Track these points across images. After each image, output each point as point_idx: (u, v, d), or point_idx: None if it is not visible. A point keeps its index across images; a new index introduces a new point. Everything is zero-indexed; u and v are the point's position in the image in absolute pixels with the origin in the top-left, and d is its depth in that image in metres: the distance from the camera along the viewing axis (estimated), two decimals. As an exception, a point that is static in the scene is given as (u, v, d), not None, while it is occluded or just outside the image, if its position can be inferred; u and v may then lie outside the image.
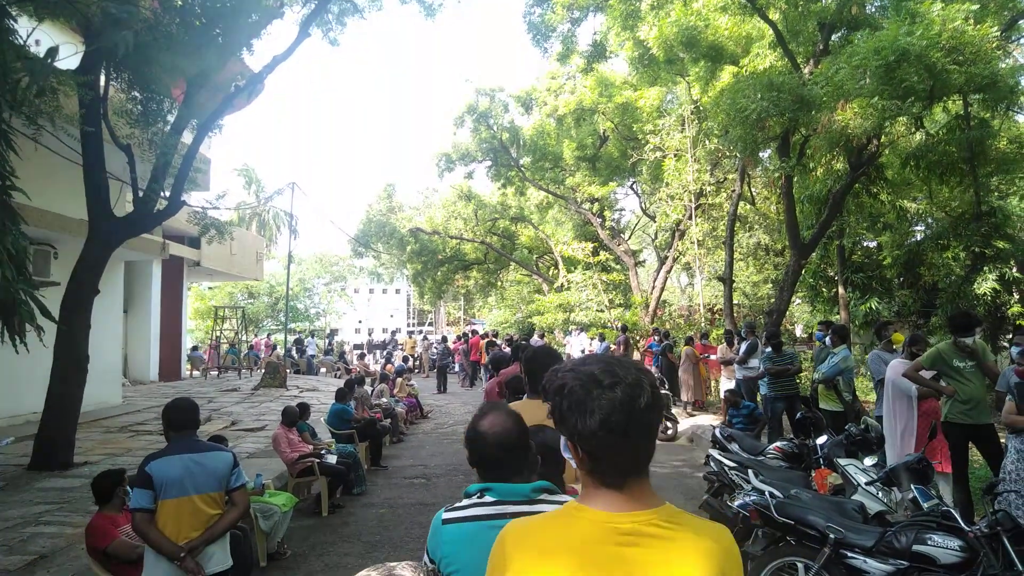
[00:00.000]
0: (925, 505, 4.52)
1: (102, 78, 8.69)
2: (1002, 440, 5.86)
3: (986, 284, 12.71)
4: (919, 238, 15.99)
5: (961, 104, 12.36)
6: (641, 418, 1.34)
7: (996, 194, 14.62)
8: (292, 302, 41.21)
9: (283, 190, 23.04)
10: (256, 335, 39.39)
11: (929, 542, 4.05)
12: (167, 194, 9.71)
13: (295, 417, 8.26)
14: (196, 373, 22.57)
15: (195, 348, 25.75)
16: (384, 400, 13.33)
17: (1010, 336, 10.83)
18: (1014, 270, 13.19)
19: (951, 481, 6.30)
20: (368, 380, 16.63)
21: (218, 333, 23.49)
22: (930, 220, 16.38)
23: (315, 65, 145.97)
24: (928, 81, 9.39)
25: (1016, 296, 13.28)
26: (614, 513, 1.35)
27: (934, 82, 9.47)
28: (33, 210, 8.70)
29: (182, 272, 20.09)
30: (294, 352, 24.48)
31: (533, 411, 3.28)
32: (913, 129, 12.52)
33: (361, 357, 24.49)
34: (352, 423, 10.04)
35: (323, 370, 25.12)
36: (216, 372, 21.98)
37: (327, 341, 33.65)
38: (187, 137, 10.01)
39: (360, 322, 61.90)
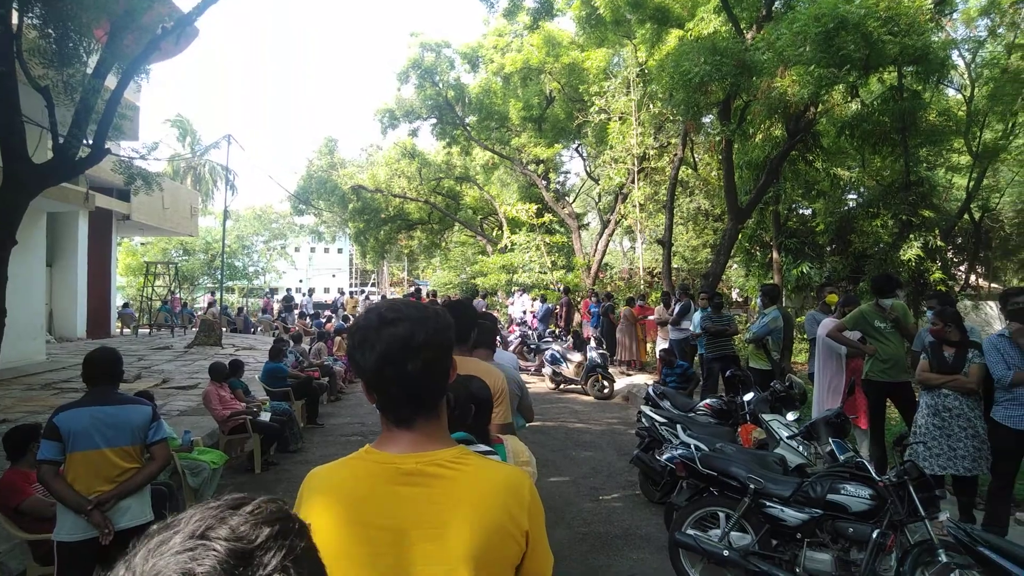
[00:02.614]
0: (841, 457, 4.72)
1: (14, 13, 8.11)
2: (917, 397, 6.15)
3: (911, 251, 13.22)
4: (851, 206, 16.48)
5: (895, 76, 12.67)
6: (419, 353, 1.34)
7: (924, 165, 15.15)
8: (230, 260, 40.08)
9: (219, 143, 22.28)
10: (191, 293, 38.33)
11: (842, 491, 4.24)
12: (91, 142, 9.21)
13: (224, 372, 8.09)
14: (127, 331, 21.84)
15: (126, 305, 24.86)
16: (323, 358, 13.19)
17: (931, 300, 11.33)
18: (938, 239, 13.75)
19: (869, 436, 6.60)
20: (306, 338, 16.41)
21: (150, 290, 22.70)
22: (862, 189, 16.90)
23: (255, 15, 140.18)
24: (864, 50, 9.58)
25: (938, 263, 13.86)
26: (399, 454, 1.37)
27: (870, 51, 9.66)
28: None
29: (111, 226, 19.22)
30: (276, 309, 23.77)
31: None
32: (849, 99, 12.80)
33: (301, 316, 24.09)
34: (288, 381, 9.91)
35: (260, 328, 24.63)
36: (148, 330, 21.30)
37: (266, 300, 32.91)
38: (112, 83, 9.47)
39: (301, 281, 60.79)
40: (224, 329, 20.03)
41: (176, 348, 16.42)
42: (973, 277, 18.59)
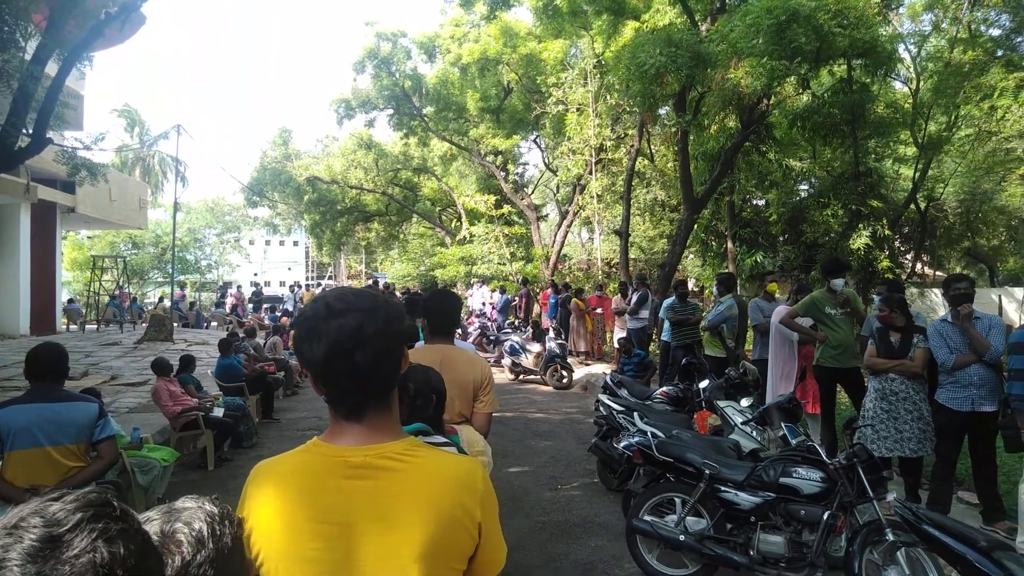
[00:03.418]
0: (793, 442, 4.81)
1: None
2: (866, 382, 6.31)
3: (860, 240, 13.56)
4: (803, 196, 16.83)
5: (845, 69, 12.94)
6: (370, 344, 1.31)
7: (873, 156, 15.53)
8: (181, 253, 39.17)
9: (168, 133, 21.65)
10: (141, 288, 37.35)
11: (794, 475, 4.32)
12: (31, 131, 8.88)
13: (168, 367, 7.89)
14: (74, 327, 21.17)
15: (72, 300, 24.09)
16: (278, 353, 12.97)
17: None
18: (885, 228, 14.13)
19: (820, 421, 6.75)
20: (261, 333, 16.12)
21: (97, 284, 22.03)
22: (813, 179, 17.26)
23: (206, 3, 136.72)
24: (815, 42, 9.76)
25: (886, 252, 14.25)
26: (348, 447, 1.34)
27: (821, 44, 9.85)
28: None
29: (55, 218, 18.56)
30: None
31: (422, 355, 3.25)
32: (800, 91, 13.03)
33: (256, 309, 23.68)
34: (242, 376, 9.74)
35: (214, 323, 24.14)
36: (95, 326, 20.68)
37: (219, 294, 32.24)
38: (54, 70, 9.13)
39: (256, 275, 59.67)
40: (176, 324, 19.55)
41: (125, 344, 15.98)
42: (919, 265, 19.17)
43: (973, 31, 14.07)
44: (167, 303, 22.35)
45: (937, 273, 21.12)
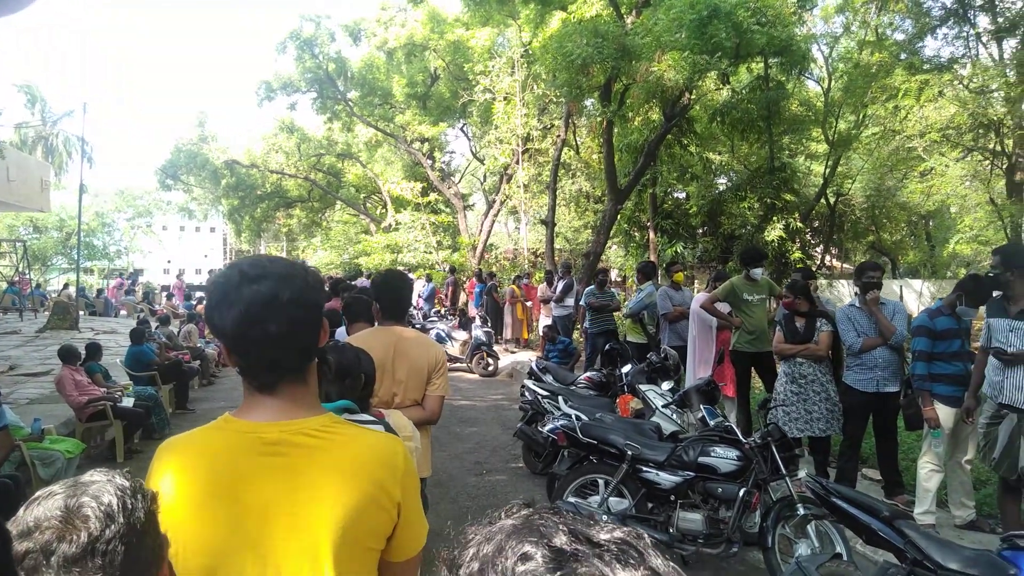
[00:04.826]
0: (712, 423, 4.96)
1: None
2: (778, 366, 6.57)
3: (774, 232, 14.12)
4: (721, 189, 17.38)
5: (762, 66, 13.40)
6: (285, 312, 1.24)
7: (787, 152, 16.19)
8: (88, 238, 37.21)
9: (74, 112, 20.46)
10: (44, 274, 35.26)
11: (712, 454, 4.46)
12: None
13: (76, 355, 7.49)
14: (-33, 316, 19.77)
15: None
16: (193, 341, 12.49)
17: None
18: (797, 221, 14.75)
19: (736, 403, 6.99)
20: (176, 321, 15.49)
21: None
22: (731, 173, 17.84)
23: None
24: (735, 38, 10.05)
25: (798, 244, 14.88)
26: (262, 423, 1.29)
27: (740, 40, 10.15)
28: None
29: (-56, 199, 17.28)
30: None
31: (375, 337, 3.18)
32: (720, 86, 13.43)
33: (169, 298, 22.72)
34: (153, 365, 9.32)
35: (123, 312, 23.01)
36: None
37: (130, 281, 30.75)
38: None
39: (169, 262, 57.28)
40: (82, 312, 18.54)
41: (26, 333, 15.04)
42: (827, 258, 20.10)
43: (880, 34, 14.81)
44: (71, 290, 21.14)
45: (844, 265, 22.22)
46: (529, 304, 14.81)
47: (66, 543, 0.97)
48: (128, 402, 7.62)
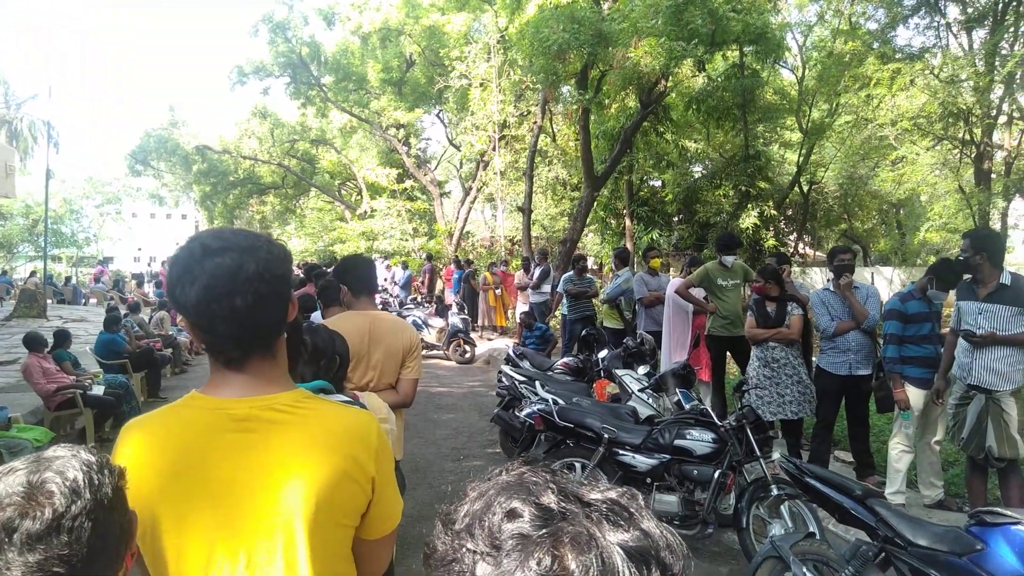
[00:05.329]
0: (687, 406, 5.00)
1: None
2: (752, 351, 6.62)
3: (749, 220, 14.24)
4: (696, 177, 17.47)
5: (738, 54, 13.46)
6: (250, 286, 1.21)
7: (761, 140, 16.30)
8: (56, 225, 36.45)
9: (38, 95, 19.96)
10: (10, 261, 34.52)
11: (688, 436, 4.50)
12: None
13: (42, 342, 7.35)
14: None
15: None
16: (165, 329, 12.31)
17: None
18: (771, 208, 14.89)
19: (711, 388, 7.06)
20: (147, 308, 15.25)
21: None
22: (707, 161, 17.93)
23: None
24: (711, 25, 10.07)
25: (772, 231, 15.03)
26: (230, 399, 1.26)
27: (716, 27, 10.18)
28: None
29: (-97, 183, 16.77)
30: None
31: (350, 320, 3.15)
32: (696, 73, 13.46)
33: (139, 285, 22.38)
34: (124, 353, 9.19)
35: (93, 300, 22.63)
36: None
37: (97, 269, 30.20)
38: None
39: (140, 249, 56.37)
40: (50, 300, 18.19)
41: (-9, 321, 14.73)
42: (801, 245, 20.33)
43: (853, 23, 14.93)
44: (38, 278, 20.67)
45: (816, 253, 22.48)
46: (499, 293, 14.78)
47: (29, 520, 0.93)
48: (98, 390, 7.52)
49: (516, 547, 0.60)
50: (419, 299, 16.83)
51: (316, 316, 4.67)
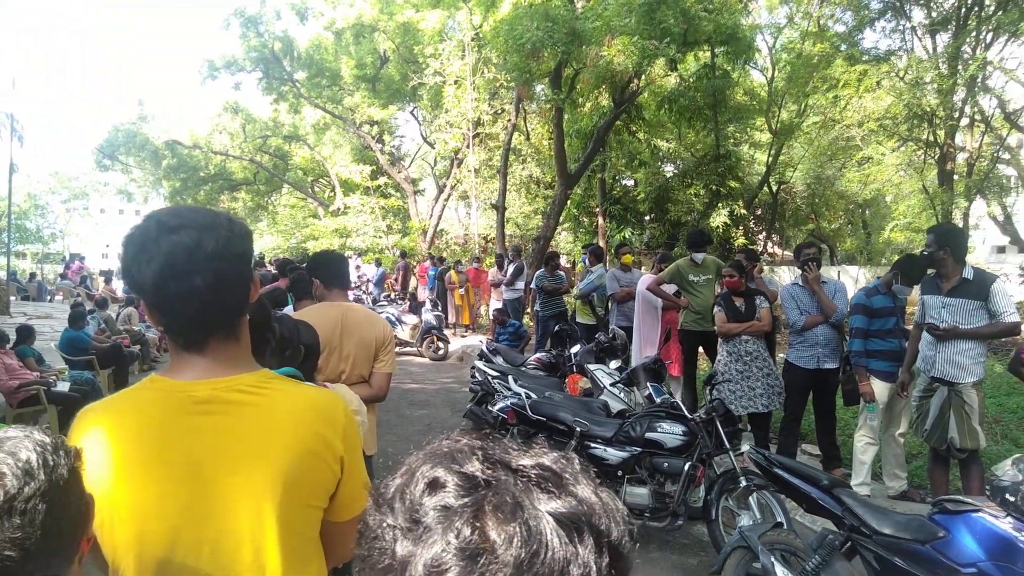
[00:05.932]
0: (658, 399, 5.05)
1: None
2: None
3: (719, 219, 14.39)
4: (668, 176, 17.61)
5: (709, 55, 13.58)
6: (209, 265, 1.17)
7: (731, 140, 16.48)
8: (20, 220, 35.62)
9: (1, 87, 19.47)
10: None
11: (659, 429, 4.54)
12: None
13: (2, 337, 7.23)
14: None
15: None
16: (133, 325, 12.11)
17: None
18: (741, 208, 15.06)
19: (682, 382, 7.13)
20: (115, 305, 14.98)
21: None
22: (679, 160, 18.09)
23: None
24: (683, 24, 10.15)
25: (741, 230, 15.20)
26: (192, 381, 1.22)
27: (688, 26, 10.26)
28: None
29: None
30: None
31: (322, 312, 3.13)
32: (668, 73, 13.55)
33: (107, 281, 21.96)
34: (91, 350, 9.02)
35: (59, 296, 22.17)
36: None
37: (64, 265, 29.58)
38: None
39: (108, 246, 55.32)
40: (14, 297, 17.79)
41: (-50, 318, 14.36)
42: (770, 244, 20.58)
43: (822, 26, 15.15)
44: (2, 274, 20.18)
45: (785, 253, 22.77)
46: (463, 292, 14.77)
47: None
48: (63, 387, 7.38)
49: (437, 520, 0.56)
50: (392, 296, 16.76)
51: (288, 310, 4.63)
